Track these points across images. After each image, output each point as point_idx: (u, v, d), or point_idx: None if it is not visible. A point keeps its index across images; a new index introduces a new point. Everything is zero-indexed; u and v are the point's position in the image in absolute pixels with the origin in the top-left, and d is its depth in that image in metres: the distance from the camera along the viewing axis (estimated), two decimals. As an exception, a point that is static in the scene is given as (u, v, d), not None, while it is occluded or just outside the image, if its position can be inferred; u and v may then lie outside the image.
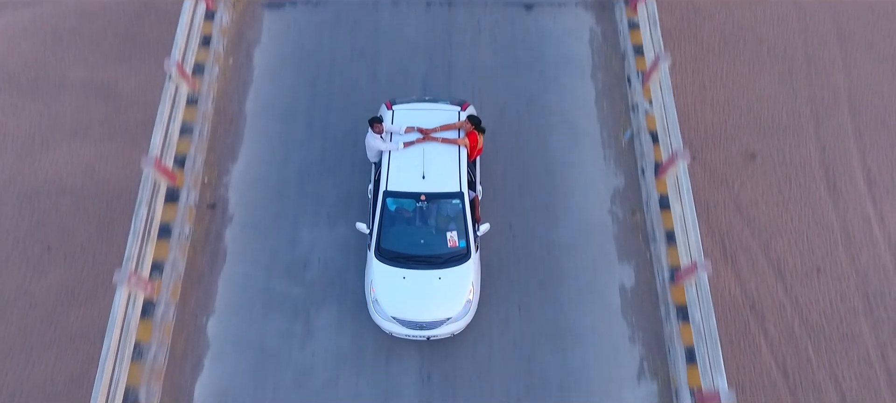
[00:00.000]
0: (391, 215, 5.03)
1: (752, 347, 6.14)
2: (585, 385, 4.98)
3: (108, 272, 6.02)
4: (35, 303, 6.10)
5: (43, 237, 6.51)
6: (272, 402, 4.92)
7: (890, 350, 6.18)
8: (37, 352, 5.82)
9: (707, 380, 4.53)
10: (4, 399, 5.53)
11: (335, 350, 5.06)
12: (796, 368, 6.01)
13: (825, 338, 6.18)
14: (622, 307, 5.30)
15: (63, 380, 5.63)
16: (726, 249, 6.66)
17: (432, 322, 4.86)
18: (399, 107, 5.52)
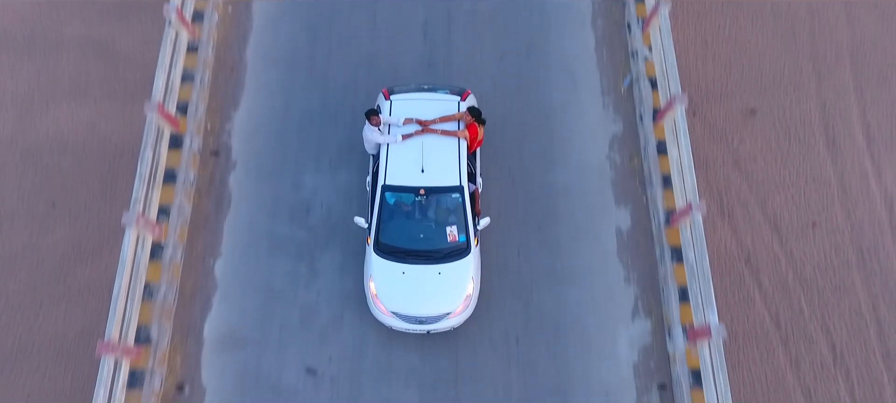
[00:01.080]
0: (390, 209, 5.01)
1: (747, 299, 6.40)
2: (581, 323, 5.27)
3: (113, 229, 6.23)
4: (42, 259, 6.33)
5: (47, 194, 6.70)
6: (279, 340, 5.22)
7: (881, 302, 6.44)
8: (46, 306, 6.07)
9: (699, 316, 4.80)
10: (17, 351, 5.80)
11: (339, 291, 5.32)
12: (789, 319, 6.28)
13: (818, 291, 6.43)
14: (618, 249, 5.55)
15: (73, 333, 5.90)
16: (724, 204, 6.85)
17: (432, 317, 4.90)
18: (397, 97, 5.41)
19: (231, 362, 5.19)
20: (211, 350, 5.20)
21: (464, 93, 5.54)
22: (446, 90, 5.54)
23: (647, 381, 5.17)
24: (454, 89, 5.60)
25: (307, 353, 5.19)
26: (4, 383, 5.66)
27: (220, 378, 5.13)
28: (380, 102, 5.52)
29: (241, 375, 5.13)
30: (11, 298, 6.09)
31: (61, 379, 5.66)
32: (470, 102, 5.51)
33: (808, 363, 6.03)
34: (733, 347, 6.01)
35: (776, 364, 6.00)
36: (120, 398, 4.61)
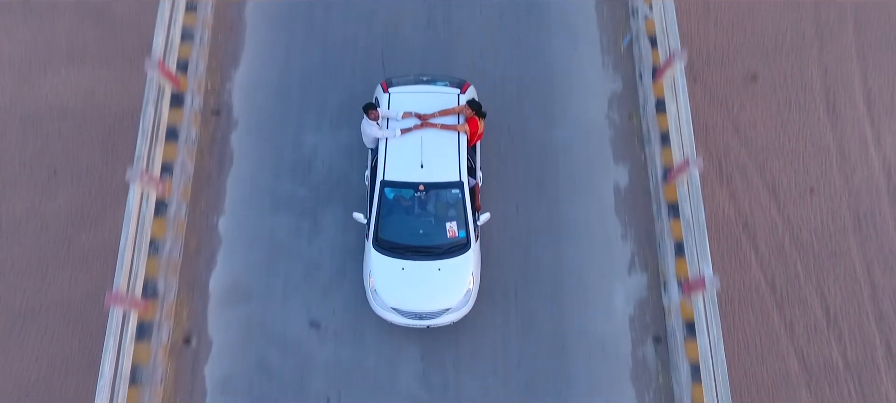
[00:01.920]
0: (389, 205, 5.04)
1: (743, 264, 6.58)
2: (579, 276, 5.45)
3: (115, 194, 6.37)
4: (46, 225, 6.49)
5: (48, 160, 6.82)
6: (283, 294, 5.40)
7: (876, 266, 6.61)
8: (52, 271, 6.25)
9: (694, 269, 4.98)
10: (25, 314, 5.99)
11: (342, 246, 5.49)
12: (784, 283, 6.47)
13: (814, 255, 6.60)
14: (616, 205, 5.70)
15: (79, 297, 6.09)
16: (722, 170, 6.98)
17: (432, 312, 4.97)
18: (395, 90, 5.39)
19: (236, 315, 5.38)
20: (216, 303, 5.39)
21: (463, 85, 5.49)
22: (446, 82, 5.49)
23: (642, 333, 5.37)
24: (454, 81, 5.55)
25: (311, 307, 5.38)
26: (14, 345, 5.87)
27: (225, 331, 5.33)
28: (378, 95, 5.48)
29: (246, 328, 5.33)
30: (17, 263, 6.26)
31: (69, 341, 5.87)
32: (470, 95, 5.45)
33: (802, 325, 6.24)
34: (729, 310, 6.21)
35: (771, 326, 6.21)
36: (129, 348, 4.82)
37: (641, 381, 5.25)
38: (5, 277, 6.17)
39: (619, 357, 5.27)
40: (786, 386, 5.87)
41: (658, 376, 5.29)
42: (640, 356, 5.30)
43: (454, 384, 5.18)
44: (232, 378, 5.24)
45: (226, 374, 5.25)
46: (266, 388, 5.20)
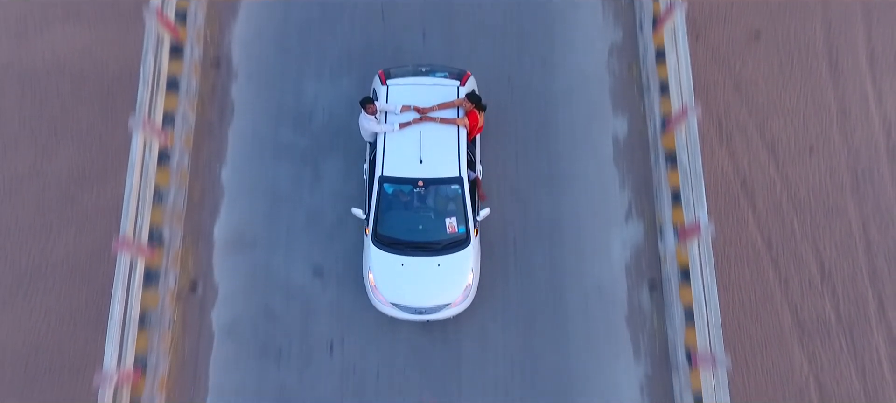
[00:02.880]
0: (388, 200, 5.05)
1: (740, 222, 6.74)
2: (576, 224, 5.64)
3: (116, 153, 6.48)
4: (48, 184, 6.61)
5: (48, 119, 6.91)
6: (286, 241, 5.59)
7: (872, 224, 6.78)
8: (56, 230, 6.40)
9: (689, 216, 5.15)
10: (32, 271, 6.16)
11: (343, 194, 5.65)
12: (780, 240, 6.65)
13: (811, 213, 6.76)
14: (614, 155, 5.84)
15: (85, 254, 6.25)
16: (722, 128, 7.08)
17: (431, 307, 5.05)
18: (394, 81, 5.33)
19: (241, 262, 5.57)
20: (221, 251, 5.57)
21: (463, 76, 5.45)
22: (445, 73, 5.45)
23: (638, 279, 5.58)
24: (453, 72, 5.50)
25: (314, 254, 5.58)
26: (21, 302, 6.07)
27: (231, 278, 5.53)
28: (376, 86, 5.46)
29: (251, 274, 5.53)
30: (22, 221, 6.41)
31: (76, 298, 6.06)
32: (470, 86, 5.43)
33: (797, 281, 6.44)
34: (725, 267, 6.40)
35: (766, 282, 6.41)
36: (137, 293, 5.01)
37: (636, 325, 5.48)
38: (10, 236, 6.33)
39: (615, 303, 5.48)
40: (778, 340, 6.10)
41: (653, 320, 5.51)
42: (636, 301, 5.51)
43: (454, 330, 5.40)
44: (238, 322, 5.46)
45: (232, 319, 5.47)
46: (271, 332, 5.42)
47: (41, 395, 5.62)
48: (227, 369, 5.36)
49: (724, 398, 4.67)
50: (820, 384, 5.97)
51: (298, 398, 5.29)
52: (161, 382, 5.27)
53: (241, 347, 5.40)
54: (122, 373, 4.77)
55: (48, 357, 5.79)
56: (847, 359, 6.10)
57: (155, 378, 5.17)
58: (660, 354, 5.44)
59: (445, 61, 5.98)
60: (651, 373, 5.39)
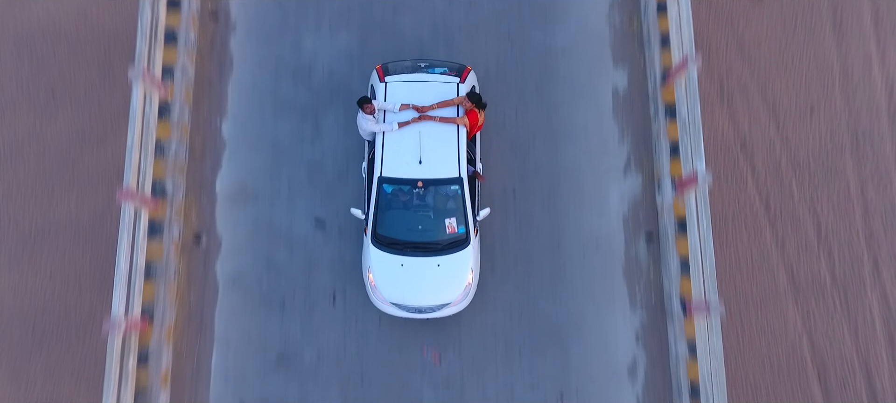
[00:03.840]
0: (387, 201, 5.09)
1: (739, 183, 6.87)
2: (575, 177, 5.78)
3: (115, 115, 6.57)
4: (48, 147, 6.71)
5: (45, 82, 6.97)
6: (288, 194, 5.75)
7: (870, 185, 6.92)
8: (58, 192, 6.52)
9: (687, 167, 5.26)
10: (35, 234, 6.29)
11: (344, 148, 5.78)
12: (778, 202, 6.79)
13: (809, 174, 6.89)
14: (614, 108, 5.95)
15: (87, 217, 6.38)
16: (724, 89, 7.16)
17: (431, 307, 5.15)
18: (392, 79, 5.31)
19: (244, 215, 5.73)
20: (224, 204, 5.73)
21: (463, 72, 5.42)
22: (444, 69, 5.42)
23: (635, 231, 5.75)
24: (453, 67, 5.48)
25: (315, 206, 5.74)
26: (26, 264, 6.23)
27: (234, 229, 5.70)
28: (374, 82, 5.45)
29: (253, 226, 5.70)
30: (23, 185, 6.53)
31: (80, 261, 6.21)
32: (470, 82, 5.41)
33: (794, 242, 6.60)
34: (722, 228, 6.55)
35: (763, 243, 6.57)
36: (142, 244, 5.17)
37: (633, 276, 5.67)
38: (12, 199, 6.46)
39: (612, 254, 5.66)
40: (773, 300, 6.29)
41: (649, 271, 5.70)
42: (633, 252, 5.69)
43: (454, 280, 5.52)
44: (242, 274, 5.64)
45: (236, 271, 5.66)
46: (274, 284, 5.61)
47: (49, 355, 5.81)
48: (232, 319, 5.56)
49: (717, 344, 4.88)
50: (813, 342, 6.18)
51: (302, 347, 5.51)
52: (168, 331, 5.48)
53: (246, 298, 5.59)
54: (130, 321, 4.96)
55: (55, 319, 5.98)
56: (840, 318, 6.30)
57: (162, 327, 5.37)
58: (655, 303, 5.64)
59: (444, 12, 6.00)
60: (646, 322, 5.60)
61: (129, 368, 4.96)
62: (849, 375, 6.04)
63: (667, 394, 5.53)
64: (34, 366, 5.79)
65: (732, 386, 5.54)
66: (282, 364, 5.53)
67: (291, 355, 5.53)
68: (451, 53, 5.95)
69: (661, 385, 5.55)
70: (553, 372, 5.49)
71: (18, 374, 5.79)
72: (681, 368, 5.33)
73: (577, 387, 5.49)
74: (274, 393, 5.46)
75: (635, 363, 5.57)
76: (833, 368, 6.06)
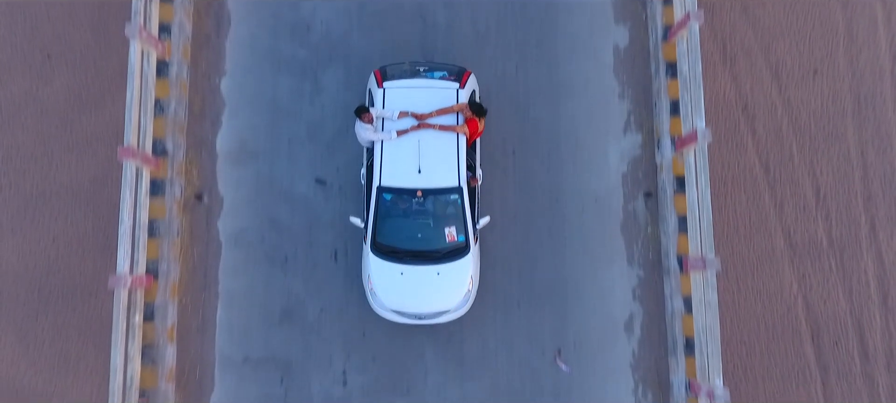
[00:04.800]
0: (386, 209, 5.11)
1: (740, 146, 6.90)
2: (574, 135, 5.84)
3: (112, 77, 6.54)
4: (46, 109, 6.71)
5: (40, 44, 6.91)
6: (288, 152, 5.81)
7: (870, 148, 6.95)
8: (57, 155, 6.55)
9: (688, 125, 5.32)
10: (36, 198, 6.34)
11: (343, 105, 5.81)
12: (778, 165, 6.83)
13: (810, 138, 6.91)
14: (615, 65, 5.97)
15: (87, 180, 6.42)
16: (727, 51, 7.12)
17: (431, 313, 5.22)
18: (390, 85, 5.25)
19: (245, 173, 5.80)
20: (224, 162, 5.78)
21: (463, 76, 5.36)
22: (444, 73, 5.37)
23: (634, 189, 5.84)
24: (452, 71, 5.42)
25: (316, 164, 5.80)
26: (29, 227, 6.31)
27: (235, 188, 5.77)
28: (372, 87, 5.40)
29: (254, 185, 5.77)
30: (22, 148, 6.55)
31: (82, 224, 6.29)
32: (470, 86, 5.36)
33: (792, 205, 6.67)
34: (721, 192, 6.61)
35: (761, 206, 6.64)
36: (144, 202, 5.26)
37: (631, 233, 5.78)
38: (12, 162, 6.49)
39: (610, 211, 5.76)
40: (770, 262, 6.40)
41: (647, 228, 5.82)
42: (631, 209, 5.79)
43: (454, 238, 5.64)
44: (244, 232, 5.75)
45: (238, 229, 5.76)
46: (277, 242, 5.73)
47: (55, 316, 5.95)
48: (235, 276, 5.69)
49: (712, 298, 5.01)
50: (808, 303, 6.32)
51: (305, 303, 5.65)
52: (173, 288, 5.61)
53: (249, 255, 5.71)
54: (136, 278, 5.09)
55: (60, 281, 6.09)
56: (836, 280, 6.43)
57: (167, 283, 5.50)
58: (652, 260, 5.77)
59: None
60: (643, 278, 5.74)
61: (135, 323, 5.11)
62: (842, 335, 6.20)
63: (662, 348, 5.71)
64: (41, 327, 5.93)
65: (727, 346, 5.70)
66: (285, 319, 5.68)
67: (294, 311, 5.68)
68: (451, 10, 5.95)
69: (656, 340, 5.73)
70: (552, 327, 5.66)
71: (26, 335, 5.94)
72: (676, 323, 5.49)
73: (575, 341, 5.67)
74: (278, 348, 5.64)
75: (632, 318, 5.73)
76: (826, 328, 6.21)
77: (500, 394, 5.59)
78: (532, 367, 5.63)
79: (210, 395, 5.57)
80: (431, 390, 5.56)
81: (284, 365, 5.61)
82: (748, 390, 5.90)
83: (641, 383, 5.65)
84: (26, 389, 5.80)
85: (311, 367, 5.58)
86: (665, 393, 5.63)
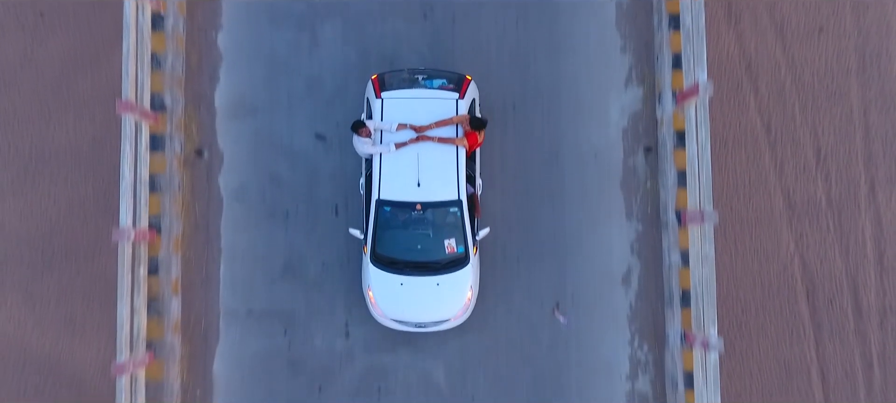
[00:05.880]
0: (386, 221, 5.18)
1: (741, 105, 6.88)
2: (576, 90, 5.85)
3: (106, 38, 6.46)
4: (41, 70, 6.66)
5: (33, 3, 6.83)
6: (288, 107, 5.83)
7: (873, 108, 6.93)
8: (55, 117, 6.54)
9: (689, 78, 5.30)
10: (35, 160, 6.34)
11: (342, 60, 5.80)
12: (780, 124, 6.82)
13: (813, 97, 6.88)
14: (617, 19, 5.93)
15: (86, 141, 6.42)
16: (732, 9, 7.02)
17: (431, 322, 5.34)
18: (388, 95, 5.20)
19: (244, 128, 5.83)
20: (223, 117, 5.81)
21: (462, 85, 5.32)
22: (444, 80, 5.32)
23: (634, 144, 5.88)
24: (452, 78, 5.39)
25: (315, 119, 5.83)
26: (29, 188, 6.34)
27: (235, 144, 5.81)
28: (369, 96, 5.36)
29: (254, 140, 5.81)
30: (19, 109, 6.53)
31: (82, 186, 6.32)
32: (470, 95, 5.34)
33: (792, 166, 6.69)
34: (722, 152, 6.62)
35: (761, 166, 6.66)
36: (145, 156, 5.29)
37: (630, 188, 5.85)
38: (10, 124, 6.49)
39: (610, 167, 5.81)
40: (768, 222, 6.46)
41: (646, 183, 5.88)
42: (631, 164, 5.84)
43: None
44: (245, 187, 5.82)
45: (239, 184, 5.82)
46: (278, 196, 5.80)
47: (60, 277, 6.05)
48: (237, 230, 5.79)
49: (710, 251, 5.09)
50: (804, 262, 6.42)
51: (307, 257, 5.76)
52: (176, 242, 5.71)
53: (250, 210, 5.80)
54: (139, 231, 5.17)
55: (62, 243, 6.17)
56: (833, 240, 6.51)
57: (169, 238, 5.59)
58: (651, 214, 5.85)
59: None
60: (641, 233, 5.84)
61: (140, 276, 5.22)
62: (836, 293, 6.32)
63: (659, 302, 5.84)
64: (46, 288, 6.05)
65: (723, 304, 5.79)
66: (288, 273, 5.81)
67: (296, 265, 5.79)
68: (450, -39, 5.88)
69: (653, 293, 5.86)
70: (550, 281, 5.79)
71: (32, 296, 6.06)
72: (673, 276, 5.60)
73: (573, 295, 5.80)
74: (281, 301, 5.78)
75: (629, 272, 5.85)
76: (821, 287, 6.33)
77: (499, 347, 5.75)
78: (530, 320, 5.78)
79: (216, 346, 5.74)
80: (431, 342, 5.72)
81: (287, 318, 5.76)
82: (742, 346, 6.06)
83: (637, 335, 5.81)
84: (34, 349, 5.96)
85: (313, 320, 5.74)
86: (660, 345, 5.79)
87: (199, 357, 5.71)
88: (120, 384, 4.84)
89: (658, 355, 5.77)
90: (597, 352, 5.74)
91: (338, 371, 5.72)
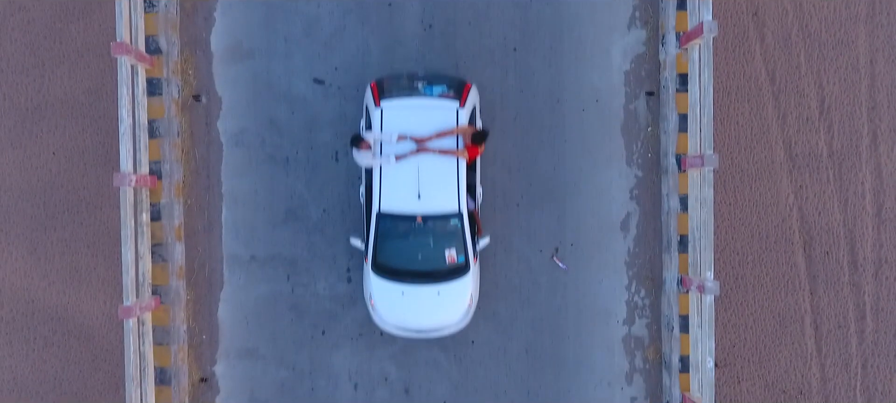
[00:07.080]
0: (386, 232, 5.21)
1: (747, 54, 6.78)
2: (578, 32, 5.76)
3: (96, -16, 6.33)
4: (32, 19, 6.52)
5: (17, -53, 6.65)
6: (285, 51, 5.77)
7: (880, 57, 6.83)
8: (49, 67, 6.45)
9: (694, 19, 5.22)
10: (32, 111, 6.28)
11: (340, 1, 5.69)
12: (785, 74, 6.74)
13: (819, 45, 6.77)
14: None
15: (83, 92, 6.36)
16: (740, -48, 6.84)
17: (432, 328, 5.44)
18: (388, 104, 5.12)
19: (242, 72, 5.79)
20: (220, 61, 5.76)
21: (463, 91, 5.24)
22: (444, 86, 5.25)
23: (636, 88, 5.85)
24: (452, 84, 5.31)
25: (313, 64, 5.78)
26: (28, 141, 6.32)
27: (233, 88, 5.78)
28: (368, 104, 5.29)
29: (252, 84, 5.78)
30: (12, 60, 6.43)
31: (81, 137, 6.30)
32: (470, 103, 5.27)
33: (795, 116, 6.65)
34: (725, 101, 6.57)
35: (764, 117, 6.62)
36: (142, 100, 5.28)
37: (631, 133, 5.85)
38: (4, 75, 6.40)
39: (611, 111, 5.80)
40: (768, 174, 6.47)
41: (647, 128, 5.88)
42: (633, 108, 5.83)
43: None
44: (244, 132, 5.82)
45: (238, 129, 5.82)
46: (277, 142, 5.81)
47: (63, 230, 6.11)
48: (238, 176, 5.82)
49: (708, 194, 5.13)
50: (802, 214, 6.47)
51: (308, 202, 5.82)
52: (177, 187, 5.76)
53: (250, 155, 5.81)
54: (140, 176, 5.20)
55: (64, 195, 6.20)
56: (832, 192, 6.53)
57: (171, 183, 5.63)
58: (651, 160, 5.87)
59: None
60: (641, 178, 5.88)
61: (143, 221, 5.29)
62: (833, 245, 6.41)
63: (657, 247, 5.94)
64: (50, 240, 6.13)
65: (720, 255, 5.89)
66: (289, 218, 5.88)
67: (298, 210, 5.86)
68: None
69: (651, 239, 5.95)
70: (549, 226, 5.86)
71: (36, 249, 6.14)
72: (672, 221, 5.68)
73: (573, 240, 5.89)
74: (283, 247, 5.87)
75: (628, 217, 5.92)
76: (819, 239, 6.40)
77: (499, 291, 5.89)
78: (530, 265, 5.89)
79: (220, 291, 5.87)
80: (432, 286, 5.83)
81: (290, 263, 5.87)
82: (738, 297, 6.19)
83: (635, 279, 5.94)
84: (40, 300, 6.08)
85: (315, 265, 5.85)
86: (657, 289, 5.93)
87: (204, 302, 5.85)
88: (128, 327, 4.96)
89: (655, 299, 5.90)
90: (594, 296, 5.87)
91: (340, 316, 5.87)
